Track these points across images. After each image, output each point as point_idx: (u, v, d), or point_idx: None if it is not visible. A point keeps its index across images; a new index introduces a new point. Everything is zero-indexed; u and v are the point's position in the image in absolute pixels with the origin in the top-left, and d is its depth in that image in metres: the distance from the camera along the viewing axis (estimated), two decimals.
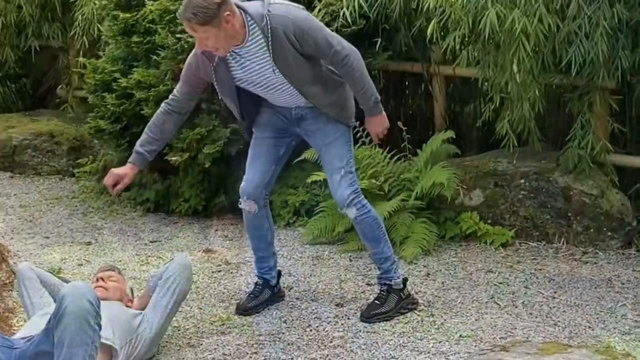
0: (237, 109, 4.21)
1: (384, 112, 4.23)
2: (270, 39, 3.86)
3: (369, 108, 4.17)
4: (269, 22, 3.85)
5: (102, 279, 3.97)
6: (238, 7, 3.86)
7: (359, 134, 5.46)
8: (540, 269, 4.87)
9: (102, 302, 3.24)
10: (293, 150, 4.45)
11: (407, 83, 6.66)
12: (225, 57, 3.95)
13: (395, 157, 5.63)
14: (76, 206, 6.55)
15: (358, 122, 4.42)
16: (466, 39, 5.19)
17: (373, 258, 4.34)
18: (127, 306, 3.93)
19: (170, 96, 4.18)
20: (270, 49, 3.88)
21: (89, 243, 5.62)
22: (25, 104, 8.98)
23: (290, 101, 4.14)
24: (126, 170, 4.10)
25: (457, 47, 5.26)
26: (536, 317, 4.23)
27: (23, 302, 3.93)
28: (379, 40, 5.86)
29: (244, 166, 4.36)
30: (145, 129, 4.18)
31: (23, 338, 3.37)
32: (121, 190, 4.18)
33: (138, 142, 4.15)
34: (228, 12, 3.79)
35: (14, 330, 4.13)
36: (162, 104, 4.19)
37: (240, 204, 4.37)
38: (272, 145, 4.29)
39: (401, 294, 4.30)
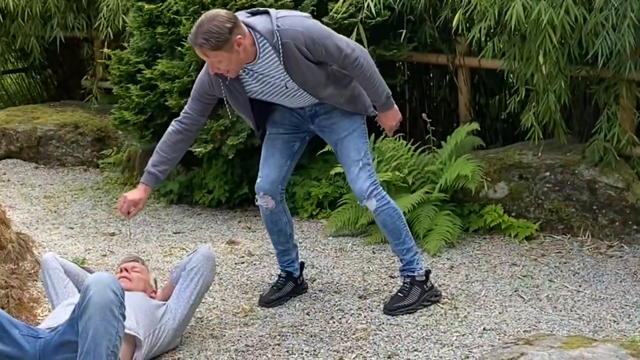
0: (252, 121, 4.22)
1: (395, 106, 4.22)
2: (281, 53, 3.85)
3: (382, 104, 4.16)
4: (279, 38, 3.83)
5: (126, 269, 3.98)
6: (246, 24, 3.85)
7: (382, 127, 5.43)
8: (565, 263, 4.83)
9: (126, 292, 3.25)
10: (308, 144, 4.44)
11: (431, 75, 6.63)
12: (239, 75, 3.95)
13: (419, 149, 5.60)
14: (100, 197, 6.57)
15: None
16: (492, 30, 5.16)
17: (395, 250, 4.32)
18: (151, 297, 3.94)
19: (182, 113, 4.13)
20: (282, 63, 3.88)
21: (112, 234, 5.64)
22: (50, 95, 9.04)
23: (305, 103, 4.14)
24: (140, 195, 4.04)
25: (483, 38, 5.23)
26: (560, 310, 4.20)
27: (47, 292, 3.95)
28: (404, 31, 5.84)
29: None
30: (157, 148, 4.12)
31: (48, 328, 3.39)
32: (135, 213, 4.10)
33: (150, 162, 4.09)
34: (239, 35, 3.77)
35: (39, 320, 4.14)
36: (174, 123, 4.14)
37: (256, 201, 4.37)
38: (286, 140, 4.28)
39: (424, 286, 4.28)
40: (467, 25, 5.23)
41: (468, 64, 5.97)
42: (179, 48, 5.77)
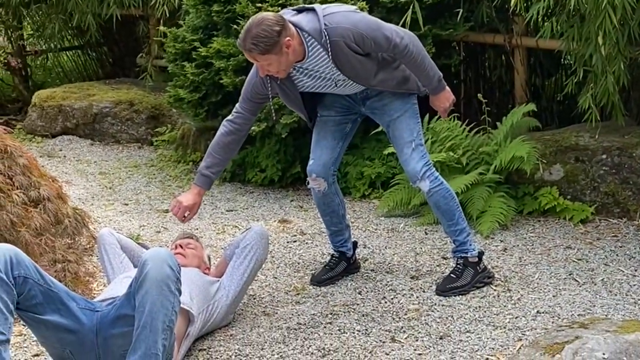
0: (305, 114, 4.21)
1: (447, 87, 4.17)
2: (330, 51, 3.83)
3: (434, 87, 4.11)
4: (328, 37, 3.81)
5: (181, 246, 4.01)
6: (293, 24, 3.82)
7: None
8: (620, 246, 4.76)
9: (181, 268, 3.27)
10: (360, 124, 4.42)
11: (487, 55, 6.56)
12: (289, 73, 3.95)
13: (474, 130, 5.55)
14: (154, 174, 6.63)
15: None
16: (550, 10, 5.08)
17: (448, 231, 4.30)
18: (205, 273, 3.97)
19: (234, 113, 4.11)
20: (332, 60, 3.86)
21: (166, 211, 5.68)
22: (105, 73, 9.13)
23: (357, 90, 4.13)
24: (194, 199, 4.03)
25: (541, 18, 5.16)
26: (616, 294, 4.15)
27: (103, 266, 4.00)
28: (461, 11, 5.78)
29: None
30: (209, 150, 4.10)
31: (104, 301, 3.43)
32: (191, 218, 4.07)
33: (203, 165, 4.08)
34: (288, 37, 3.76)
35: (94, 294, 4.21)
36: (225, 123, 4.11)
37: (308, 183, 4.37)
38: (337, 122, 4.27)
39: (477, 267, 4.25)
40: (526, 5, 5.16)
41: (525, 44, 5.90)
42: (235, 26, 5.78)
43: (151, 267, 3.08)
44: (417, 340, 3.73)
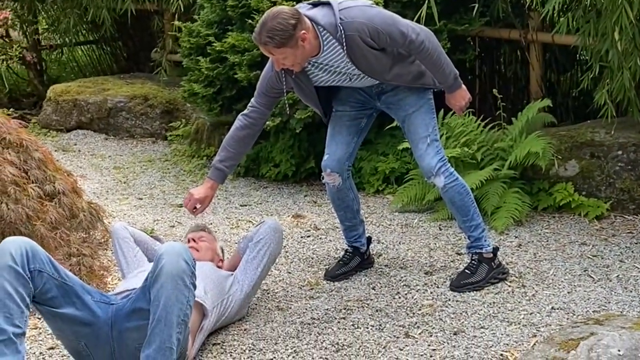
0: (319, 109, 4.20)
1: (464, 86, 4.15)
2: (345, 45, 3.83)
3: (449, 85, 4.10)
4: (343, 32, 3.81)
5: (194, 240, 4.01)
6: (308, 18, 3.81)
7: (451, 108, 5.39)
8: (636, 243, 4.74)
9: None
10: (375, 119, 4.41)
11: (502, 50, 6.54)
12: (304, 67, 3.94)
13: (489, 126, 5.54)
14: (168, 169, 6.64)
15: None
16: (566, 5, 5.06)
17: (462, 227, 4.29)
18: (218, 266, 3.98)
19: (249, 107, 4.10)
20: (347, 54, 3.86)
21: (180, 205, 5.68)
22: (120, 67, 9.15)
23: (371, 83, 4.11)
24: (206, 193, 4.01)
25: (556, 14, 5.13)
26: (631, 291, 4.13)
27: (118, 260, 4.01)
28: (476, 5, 5.76)
29: None
30: (223, 143, 4.08)
31: (119, 294, 3.44)
32: (202, 211, 4.06)
33: (217, 159, 4.06)
34: (303, 31, 3.75)
35: (109, 288, 4.22)
36: (240, 117, 4.10)
37: (322, 178, 4.36)
38: (353, 117, 4.26)
39: (492, 263, 4.24)
40: (541, 0, 5.13)
41: (541, 40, 5.88)
42: (250, 21, 5.78)
43: (166, 262, 3.09)
44: (431, 336, 3.73)
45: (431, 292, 4.19)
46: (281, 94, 4.08)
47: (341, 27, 3.80)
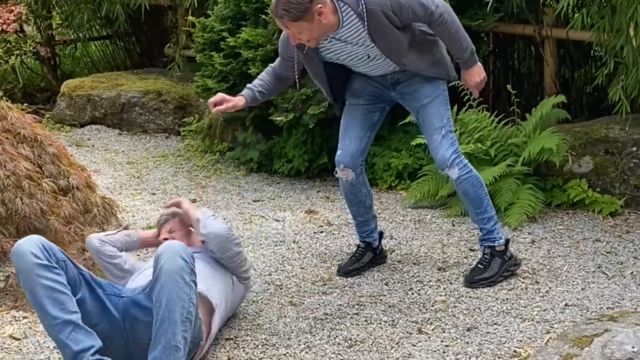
0: (328, 92, 4.21)
1: (479, 63, 4.15)
2: (366, 21, 3.82)
3: (465, 60, 4.10)
4: (364, 6, 3.80)
5: (166, 238, 3.84)
6: None
7: (466, 97, 5.38)
8: None
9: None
10: (388, 114, 4.41)
11: (516, 46, 6.52)
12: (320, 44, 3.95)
13: (503, 122, 5.52)
14: (181, 164, 6.65)
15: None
16: (581, 1, 5.04)
17: (475, 219, 4.27)
18: (202, 242, 3.80)
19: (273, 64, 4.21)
20: (367, 30, 3.85)
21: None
22: (133, 62, 9.15)
23: (385, 70, 4.11)
24: (233, 99, 4.10)
25: (571, 9, 5.11)
26: None
27: (113, 274, 3.84)
28: (490, 1, 5.73)
29: None
30: (258, 77, 4.20)
31: (131, 286, 3.46)
32: (221, 111, 4.12)
33: (251, 83, 4.17)
34: (320, 5, 3.75)
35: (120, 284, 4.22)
36: (268, 67, 4.21)
37: (336, 173, 4.36)
38: (366, 111, 4.25)
39: (504, 256, 4.23)
40: None
41: (555, 36, 5.85)
42: (263, 16, 5.78)
43: (165, 261, 3.12)
44: (444, 332, 3.72)
45: (444, 288, 4.18)
46: (294, 62, 4.10)
47: (363, 1, 3.80)
